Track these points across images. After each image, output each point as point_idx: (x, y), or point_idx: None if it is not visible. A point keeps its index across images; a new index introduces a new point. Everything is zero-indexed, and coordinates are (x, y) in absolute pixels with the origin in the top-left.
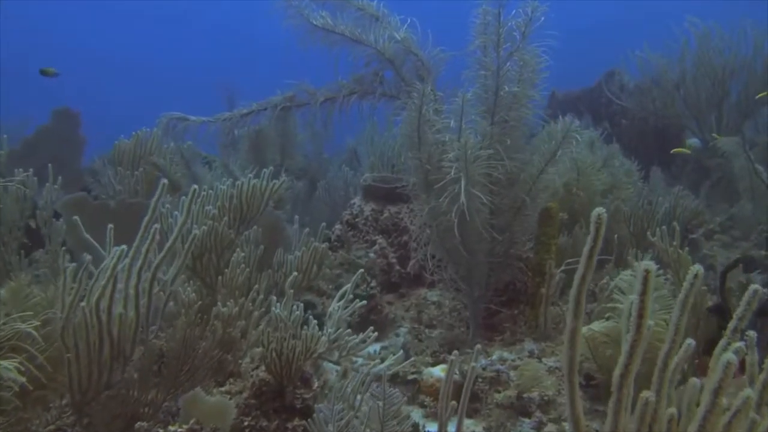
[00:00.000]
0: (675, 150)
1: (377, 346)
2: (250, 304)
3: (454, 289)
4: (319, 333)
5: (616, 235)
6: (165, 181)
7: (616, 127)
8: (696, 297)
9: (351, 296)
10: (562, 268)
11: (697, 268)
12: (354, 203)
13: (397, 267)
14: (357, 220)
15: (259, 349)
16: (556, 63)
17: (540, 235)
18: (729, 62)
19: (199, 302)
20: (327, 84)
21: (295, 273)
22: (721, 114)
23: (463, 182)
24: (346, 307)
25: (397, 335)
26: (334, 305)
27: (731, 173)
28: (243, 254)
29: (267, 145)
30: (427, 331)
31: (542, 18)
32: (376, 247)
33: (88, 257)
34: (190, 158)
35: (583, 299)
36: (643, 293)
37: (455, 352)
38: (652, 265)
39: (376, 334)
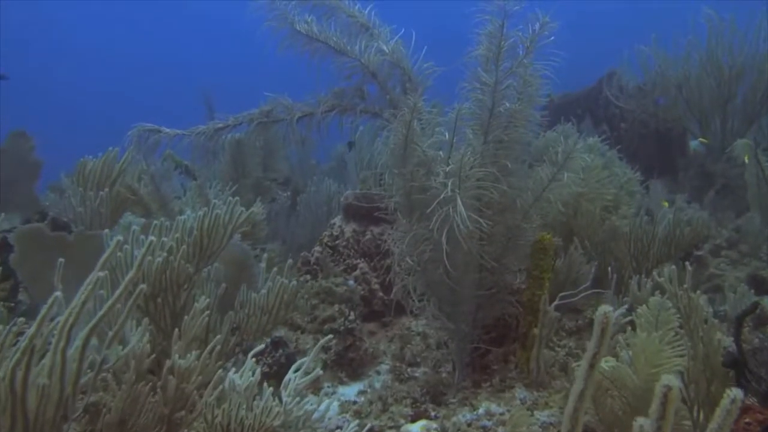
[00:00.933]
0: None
1: (354, 389)
2: (208, 355)
3: (437, 327)
4: (274, 403)
5: (613, 261)
6: (119, 239)
7: (615, 131)
8: (708, 349)
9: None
10: (557, 302)
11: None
12: (334, 223)
13: (380, 293)
14: (337, 242)
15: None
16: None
17: (532, 269)
18: (737, 61)
19: (152, 356)
20: (306, 98)
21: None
22: (726, 117)
23: (459, 201)
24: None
25: (378, 373)
26: (290, 375)
27: (736, 179)
28: (204, 298)
29: (248, 156)
30: (409, 370)
31: (551, 37)
32: (357, 272)
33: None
34: (160, 180)
35: (580, 418)
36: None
37: None
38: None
39: (336, 404)
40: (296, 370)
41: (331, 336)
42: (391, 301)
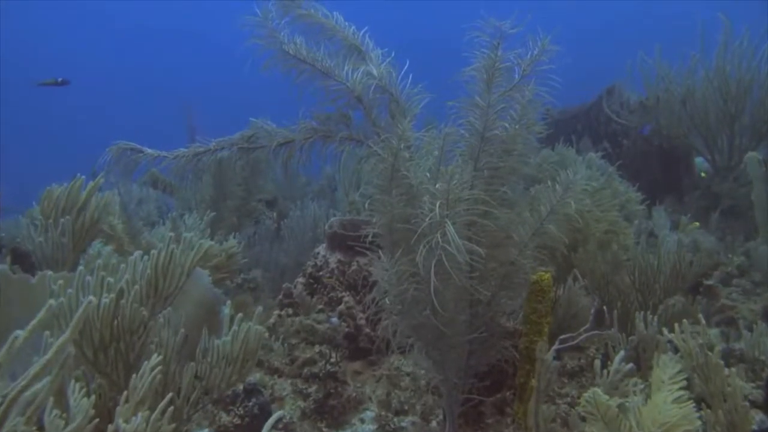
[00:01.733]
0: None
1: None
2: (160, 416)
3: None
4: None
5: (617, 295)
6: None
7: (616, 148)
8: (733, 416)
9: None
10: (556, 346)
11: None
12: (318, 252)
13: (367, 330)
14: (321, 273)
15: None
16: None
17: (529, 313)
18: (745, 75)
19: (96, 420)
20: (291, 122)
21: None
22: (734, 134)
23: (449, 225)
24: None
25: (363, 421)
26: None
27: (744, 199)
28: (155, 355)
29: (230, 177)
30: (396, 420)
31: (550, 65)
32: (342, 306)
33: None
34: (133, 208)
35: None
36: None
37: None
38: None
39: None
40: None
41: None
42: (378, 338)
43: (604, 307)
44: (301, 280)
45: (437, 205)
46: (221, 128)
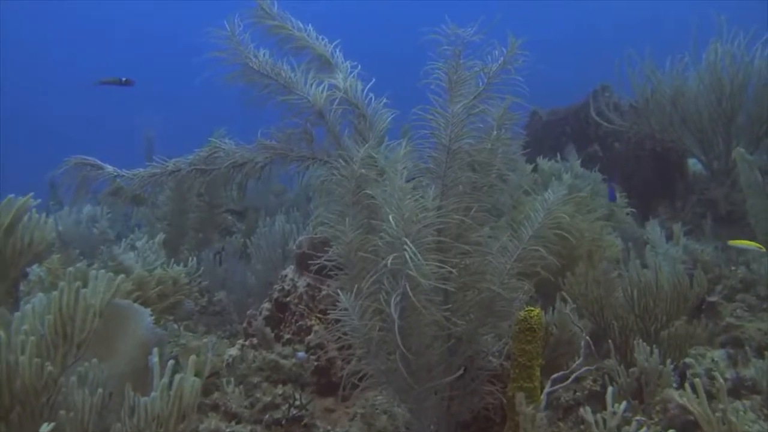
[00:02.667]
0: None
1: None
2: None
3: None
4: None
5: (614, 322)
6: None
7: (608, 151)
8: None
9: None
10: (548, 389)
11: None
12: (286, 275)
13: (339, 362)
14: (289, 298)
15: None
16: (538, 78)
17: (518, 355)
18: (738, 73)
19: None
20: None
21: None
22: (730, 136)
23: (408, 249)
24: None
25: None
26: None
27: (741, 204)
28: (45, 424)
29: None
30: None
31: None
32: (312, 336)
33: None
34: (68, 241)
35: None
36: None
37: None
38: None
39: None
40: None
41: None
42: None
43: (588, 339)
44: (266, 305)
45: (401, 225)
46: (187, 138)
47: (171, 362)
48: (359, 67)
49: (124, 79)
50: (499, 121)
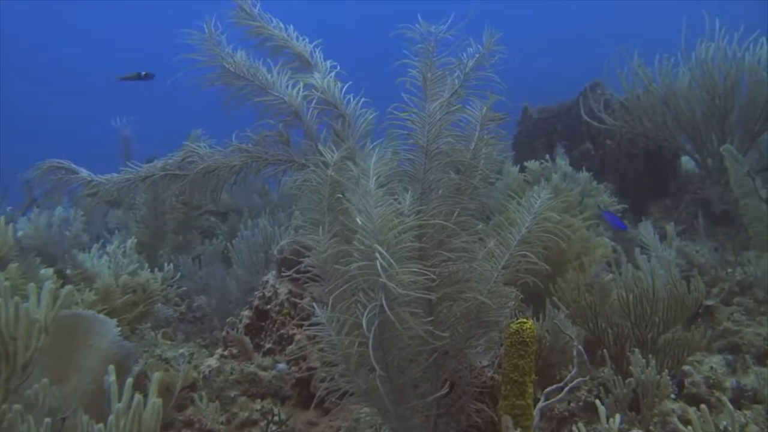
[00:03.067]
0: None
1: None
2: None
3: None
4: None
5: (609, 330)
6: None
7: (600, 149)
8: None
9: None
10: (541, 403)
11: None
12: (267, 281)
13: (323, 373)
14: (269, 305)
15: None
16: (530, 74)
17: (509, 371)
18: (731, 70)
19: None
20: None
21: None
22: (724, 134)
23: (380, 256)
24: None
25: None
26: None
27: (736, 204)
28: None
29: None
30: None
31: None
32: (293, 347)
33: None
34: (32, 262)
35: None
36: None
37: None
38: None
39: None
40: None
41: None
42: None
43: (581, 348)
44: (246, 313)
45: (372, 232)
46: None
47: (130, 381)
48: (338, 67)
49: (143, 72)
50: (483, 121)
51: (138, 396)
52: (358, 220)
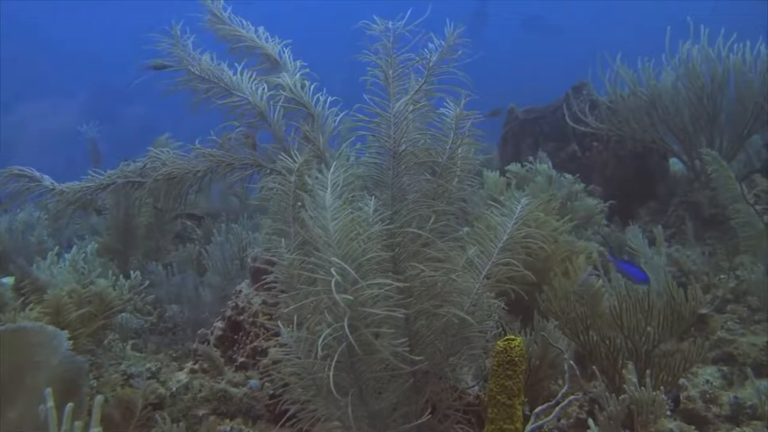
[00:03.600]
0: None
1: None
2: None
3: None
4: None
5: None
6: None
7: (587, 151)
8: None
9: None
10: (531, 426)
11: None
12: (240, 291)
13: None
14: (243, 316)
15: None
16: (517, 75)
17: (496, 393)
18: (718, 71)
19: None
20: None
21: None
22: (713, 136)
23: (336, 270)
24: None
25: None
26: None
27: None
28: None
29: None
30: None
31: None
32: (267, 361)
33: None
34: None
35: None
36: None
37: None
38: None
39: None
40: None
41: None
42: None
43: (572, 362)
44: (218, 324)
45: (332, 243)
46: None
47: (70, 406)
48: (308, 67)
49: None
50: (457, 121)
51: (78, 423)
52: (314, 234)
